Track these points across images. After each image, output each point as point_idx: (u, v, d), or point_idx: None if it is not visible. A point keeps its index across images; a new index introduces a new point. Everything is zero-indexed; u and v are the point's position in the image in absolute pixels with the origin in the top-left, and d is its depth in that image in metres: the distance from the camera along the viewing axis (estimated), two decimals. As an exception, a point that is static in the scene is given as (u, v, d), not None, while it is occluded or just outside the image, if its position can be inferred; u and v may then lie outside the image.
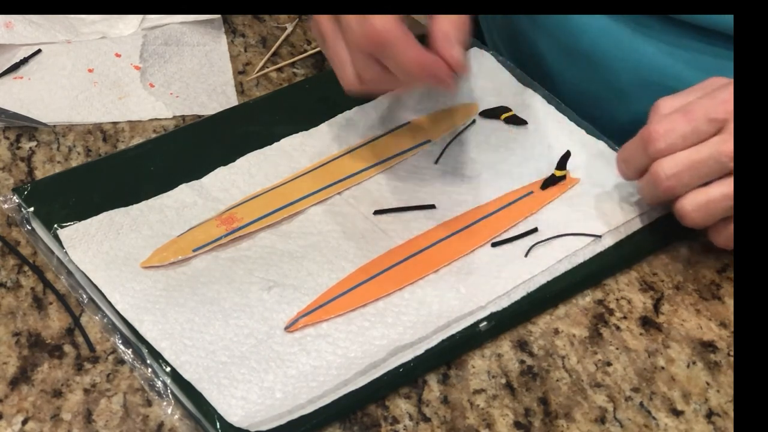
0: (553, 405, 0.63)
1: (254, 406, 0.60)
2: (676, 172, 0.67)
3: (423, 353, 0.64)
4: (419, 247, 0.70)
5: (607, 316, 0.69)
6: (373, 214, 0.72)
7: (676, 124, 0.67)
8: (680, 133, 0.67)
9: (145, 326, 0.63)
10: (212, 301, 0.65)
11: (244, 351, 0.63)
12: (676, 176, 0.67)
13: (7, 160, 0.76)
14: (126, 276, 0.66)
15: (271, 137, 0.77)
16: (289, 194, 0.73)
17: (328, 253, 0.69)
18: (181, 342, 0.63)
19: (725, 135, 0.66)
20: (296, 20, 0.92)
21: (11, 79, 0.83)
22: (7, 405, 0.61)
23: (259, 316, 0.65)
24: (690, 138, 0.67)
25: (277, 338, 0.63)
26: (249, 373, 0.61)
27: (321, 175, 0.75)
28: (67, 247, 0.67)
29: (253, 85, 0.85)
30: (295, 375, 0.61)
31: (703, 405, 0.64)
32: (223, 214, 0.71)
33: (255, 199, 0.73)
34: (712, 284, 0.71)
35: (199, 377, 0.61)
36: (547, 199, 0.74)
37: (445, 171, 0.76)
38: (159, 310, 0.64)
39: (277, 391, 0.60)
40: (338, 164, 0.76)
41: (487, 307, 0.66)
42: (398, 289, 0.67)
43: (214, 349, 0.63)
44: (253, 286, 0.67)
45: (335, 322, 0.65)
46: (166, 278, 0.67)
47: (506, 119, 0.79)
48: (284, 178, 0.75)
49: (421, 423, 0.62)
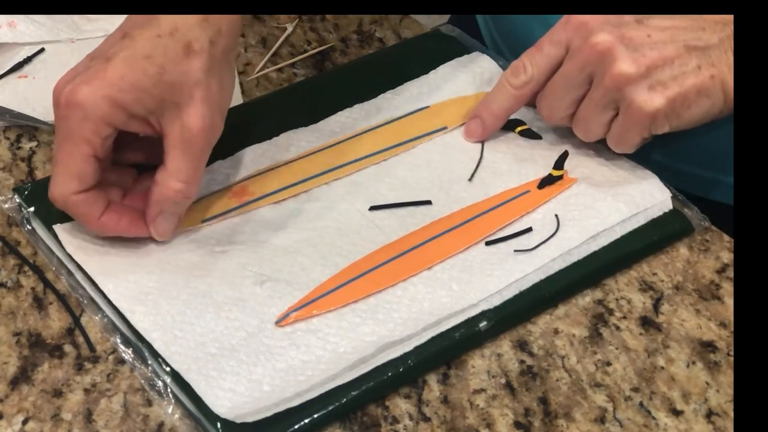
0: (553, 405, 0.63)
1: (241, 398, 0.60)
2: (545, 95, 0.74)
3: (423, 353, 0.64)
4: (413, 244, 0.70)
5: (607, 316, 0.69)
6: (369, 210, 0.72)
7: (528, 54, 0.74)
8: (532, 59, 0.74)
9: (137, 317, 0.64)
10: (205, 293, 0.66)
11: (234, 344, 0.63)
12: (546, 101, 0.74)
13: (7, 160, 0.76)
14: (120, 267, 0.67)
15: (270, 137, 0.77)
16: (302, 171, 0.74)
17: (322, 248, 0.69)
18: (172, 333, 0.63)
19: (569, 53, 0.72)
20: (296, 20, 0.92)
21: (15, 77, 0.83)
22: (8, 405, 0.61)
23: (251, 310, 0.65)
24: (543, 63, 0.73)
25: (268, 332, 0.64)
26: (238, 366, 0.62)
27: (335, 153, 0.76)
28: (62, 239, 0.68)
29: (253, 85, 0.85)
30: (284, 369, 0.62)
31: (703, 405, 0.64)
32: (235, 186, 0.72)
33: (268, 173, 0.74)
34: (712, 284, 0.71)
35: (188, 368, 0.61)
36: (543, 198, 0.74)
37: (443, 167, 0.76)
38: (152, 301, 0.65)
39: (265, 384, 0.61)
40: (353, 144, 0.77)
41: (479, 305, 0.66)
42: (391, 285, 0.67)
43: (205, 341, 0.63)
44: (246, 280, 0.67)
45: (326, 317, 0.65)
46: (160, 270, 0.67)
47: (521, 132, 0.79)
48: (299, 153, 0.75)
49: (421, 423, 0.62)
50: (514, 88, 0.75)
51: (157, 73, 0.64)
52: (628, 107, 0.70)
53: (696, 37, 0.70)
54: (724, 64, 0.70)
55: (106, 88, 0.63)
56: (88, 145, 0.64)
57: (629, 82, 0.69)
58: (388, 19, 0.93)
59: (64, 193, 0.65)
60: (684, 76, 0.69)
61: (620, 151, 0.74)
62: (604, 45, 0.69)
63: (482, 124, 0.78)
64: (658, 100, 0.69)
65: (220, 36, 0.66)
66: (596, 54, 0.69)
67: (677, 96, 0.69)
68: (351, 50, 0.90)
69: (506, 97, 0.76)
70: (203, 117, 0.65)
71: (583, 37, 0.70)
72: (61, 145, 0.64)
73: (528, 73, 0.74)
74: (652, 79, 0.69)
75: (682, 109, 0.70)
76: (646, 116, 0.69)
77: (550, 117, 0.75)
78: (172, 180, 0.65)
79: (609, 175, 0.75)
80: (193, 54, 0.65)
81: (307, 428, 0.60)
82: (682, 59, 0.69)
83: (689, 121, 0.71)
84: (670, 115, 0.70)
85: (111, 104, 0.63)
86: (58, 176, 0.65)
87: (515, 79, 0.75)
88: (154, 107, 0.64)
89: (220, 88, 0.66)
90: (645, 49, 0.69)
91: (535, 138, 0.78)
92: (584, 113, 0.72)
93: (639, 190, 0.74)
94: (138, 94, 0.63)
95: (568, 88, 0.72)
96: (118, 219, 0.67)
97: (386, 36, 0.92)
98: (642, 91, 0.69)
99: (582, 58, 0.70)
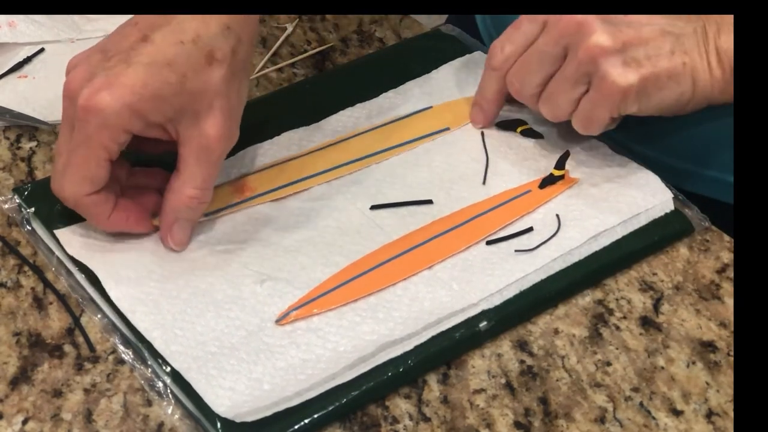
0: (553, 405, 0.63)
1: (241, 397, 0.60)
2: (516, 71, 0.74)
3: (423, 353, 0.64)
4: (413, 243, 0.70)
5: (607, 316, 0.69)
6: (370, 209, 0.72)
7: (506, 33, 0.74)
8: (509, 38, 0.74)
9: (138, 316, 0.64)
10: (205, 292, 0.66)
11: (234, 342, 0.63)
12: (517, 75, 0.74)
13: (7, 160, 0.77)
14: (121, 266, 0.67)
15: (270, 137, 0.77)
16: (304, 169, 0.74)
17: (322, 247, 0.69)
18: (172, 332, 0.63)
19: (546, 29, 0.72)
20: (296, 20, 0.92)
21: (15, 77, 0.83)
22: (8, 405, 0.61)
23: (251, 309, 0.65)
24: (520, 41, 0.73)
25: (268, 331, 0.64)
26: (238, 364, 0.62)
27: (337, 152, 0.76)
28: (63, 243, 0.68)
29: (253, 85, 0.85)
30: (284, 367, 0.62)
31: (703, 405, 0.64)
32: (237, 181, 0.72)
33: (270, 170, 0.74)
34: (712, 284, 0.71)
35: (188, 367, 0.61)
36: (544, 198, 0.74)
37: (444, 167, 0.76)
38: (152, 300, 0.65)
39: (265, 382, 0.61)
40: (355, 143, 0.77)
41: (479, 305, 0.66)
42: (391, 284, 0.67)
43: (205, 340, 0.63)
44: (247, 279, 0.67)
45: (326, 316, 0.65)
46: (161, 269, 0.67)
47: (522, 132, 0.79)
48: (300, 151, 0.75)
49: (421, 423, 0.62)
50: (494, 70, 0.75)
51: (179, 81, 0.64)
52: (601, 80, 0.70)
53: (671, 23, 0.71)
54: (696, 54, 0.70)
55: (127, 96, 0.62)
56: (105, 151, 0.64)
57: (604, 53, 0.69)
58: (388, 19, 0.93)
59: (77, 194, 0.65)
60: (658, 58, 0.70)
61: (586, 132, 0.73)
62: (581, 18, 0.69)
63: (481, 111, 0.79)
64: (631, 76, 0.69)
65: (240, 45, 0.66)
66: (573, 25, 0.70)
67: (650, 75, 0.69)
68: (351, 50, 0.90)
69: (492, 79, 0.76)
70: (222, 126, 0.65)
71: (561, 15, 0.71)
72: (77, 148, 0.64)
73: (506, 51, 0.74)
74: (627, 55, 0.69)
75: (653, 90, 0.70)
76: (618, 91, 0.69)
77: (520, 92, 0.75)
78: (187, 187, 0.66)
79: (610, 175, 0.75)
80: (215, 63, 0.65)
81: (307, 428, 0.60)
82: (657, 42, 0.70)
83: (657, 106, 0.71)
84: (640, 94, 0.70)
85: (131, 113, 0.63)
86: (72, 177, 0.65)
87: (494, 59, 0.75)
88: (173, 115, 0.64)
89: (238, 97, 0.67)
90: (622, 26, 0.70)
91: (536, 137, 0.78)
92: (554, 88, 0.72)
93: (640, 190, 0.74)
94: (158, 103, 0.63)
95: (542, 61, 0.72)
96: (126, 217, 0.67)
97: (386, 36, 0.92)
98: (616, 64, 0.69)
99: (558, 30, 0.70)
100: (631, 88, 0.69)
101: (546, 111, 0.74)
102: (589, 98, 0.71)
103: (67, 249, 0.67)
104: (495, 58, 0.75)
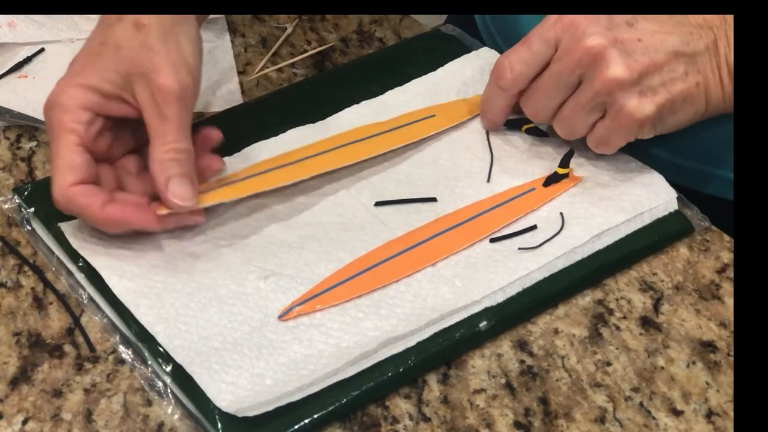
0: (553, 405, 0.63)
1: (243, 392, 0.60)
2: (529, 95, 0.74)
3: (423, 353, 0.64)
4: (417, 240, 0.70)
5: (607, 316, 0.69)
6: (374, 206, 0.72)
7: (516, 52, 0.73)
8: (520, 57, 0.73)
9: (141, 310, 0.64)
10: (209, 287, 0.66)
11: (237, 337, 0.63)
12: (533, 100, 0.74)
13: (7, 160, 0.77)
14: (124, 261, 0.67)
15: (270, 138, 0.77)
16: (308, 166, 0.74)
17: (326, 243, 0.69)
18: (175, 326, 0.63)
19: (559, 53, 0.71)
20: (296, 20, 0.92)
21: (15, 77, 0.83)
22: (8, 405, 0.61)
23: (254, 304, 0.65)
24: (532, 61, 0.72)
25: (271, 326, 0.64)
26: (240, 359, 0.62)
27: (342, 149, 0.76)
28: (68, 236, 0.68)
29: (253, 85, 0.85)
30: (286, 363, 0.62)
31: (703, 405, 0.64)
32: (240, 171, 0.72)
33: (275, 157, 0.74)
34: (712, 284, 0.71)
35: (190, 361, 0.61)
36: (548, 196, 0.74)
37: (449, 165, 0.76)
38: (156, 294, 0.65)
39: (267, 377, 0.61)
40: (361, 139, 0.77)
41: (482, 302, 0.66)
42: (394, 281, 0.67)
43: (208, 335, 0.63)
44: (250, 274, 0.67)
45: (329, 312, 0.65)
46: (165, 264, 0.67)
47: (527, 130, 0.79)
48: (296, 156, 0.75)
49: (421, 423, 0.62)
50: (504, 90, 0.75)
51: (114, 51, 0.67)
52: (617, 112, 0.70)
53: (684, 42, 0.70)
54: (709, 71, 0.71)
55: (73, 78, 0.67)
56: (72, 134, 0.66)
57: (621, 87, 0.69)
58: (388, 19, 0.93)
59: (62, 186, 0.66)
60: (672, 82, 0.70)
61: (599, 151, 0.74)
62: (597, 48, 0.69)
63: (487, 120, 0.79)
64: (648, 107, 0.69)
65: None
66: (589, 57, 0.69)
67: (666, 102, 0.70)
68: (351, 50, 0.90)
69: (500, 97, 0.76)
70: (168, 75, 0.66)
71: (575, 38, 0.70)
72: (52, 144, 0.67)
73: (515, 71, 0.73)
74: (643, 85, 0.69)
75: (668, 115, 0.71)
76: (635, 122, 0.70)
77: (536, 116, 0.75)
78: (161, 147, 0.66)
79: (614, 173, 0.76)
80: (142, 27, 0.68)
81: (307, 428, 0.60)
82: (671, 65, 0.70)
83: (671, 127, 0.72)
84: (656, 121, 0.71)
85: (80, 89, 0.66)
86: (55, 175, 0.66)
87: (502, 79, 0.74)
88: (122, 82, 0.67)
89: (178, 48, 0.68)
90: (637, 54, 0.69)
91: (541, 136, 0.78)
92: (569, 113, 0.72)
93: (644, 189, 0.74)
94: (103, 74, 0.67)
95: (557, 88, 0.72)
96: (121, 209, 0.66)
97: (386, 36, 0.92)
98: (633, 96, 0.69)
99: (574, 59, 0.70)
100: (648, 119, 0.70)
101: (561, 131, 0.74)
102: (606, 125, 0.71)
103: (72, 242, 0.67)
104: (504, 78, 0.74)
